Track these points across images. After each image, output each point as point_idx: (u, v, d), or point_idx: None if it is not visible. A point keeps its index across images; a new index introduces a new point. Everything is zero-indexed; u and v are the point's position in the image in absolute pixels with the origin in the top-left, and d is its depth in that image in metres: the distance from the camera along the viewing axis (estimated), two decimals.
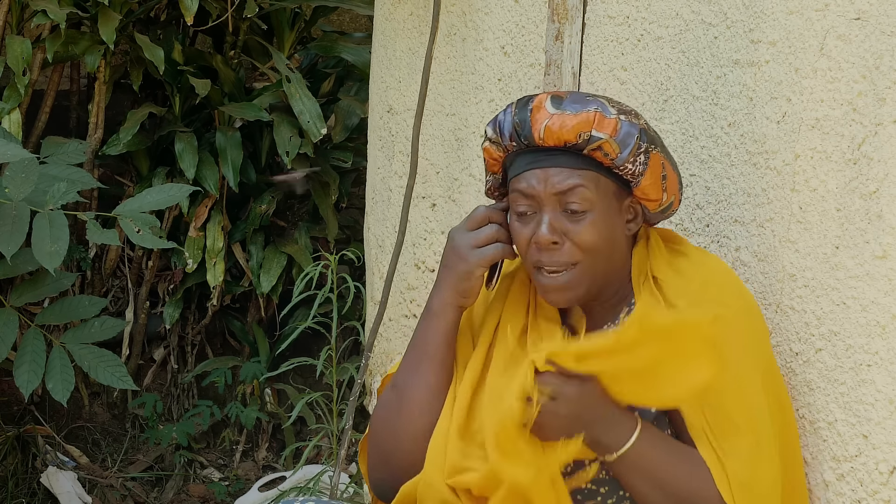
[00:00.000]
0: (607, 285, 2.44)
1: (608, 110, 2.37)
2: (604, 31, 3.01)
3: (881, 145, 2.32)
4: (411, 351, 2.51)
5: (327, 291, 3.89)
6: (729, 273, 2.44)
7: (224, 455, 5.05)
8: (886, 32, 2.32)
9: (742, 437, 2.30)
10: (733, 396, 2.31)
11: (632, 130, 2.37)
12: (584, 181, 2.36)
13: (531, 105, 2.39)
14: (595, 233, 2.37)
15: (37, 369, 4.22)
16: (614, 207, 2.40)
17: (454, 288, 2.47)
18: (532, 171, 2.39)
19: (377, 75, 3.75)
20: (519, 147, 2.41)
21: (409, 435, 2.47)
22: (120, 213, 4.14)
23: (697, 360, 2.25)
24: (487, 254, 2.45)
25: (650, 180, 2.40)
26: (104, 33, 4.53)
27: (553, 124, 2.36)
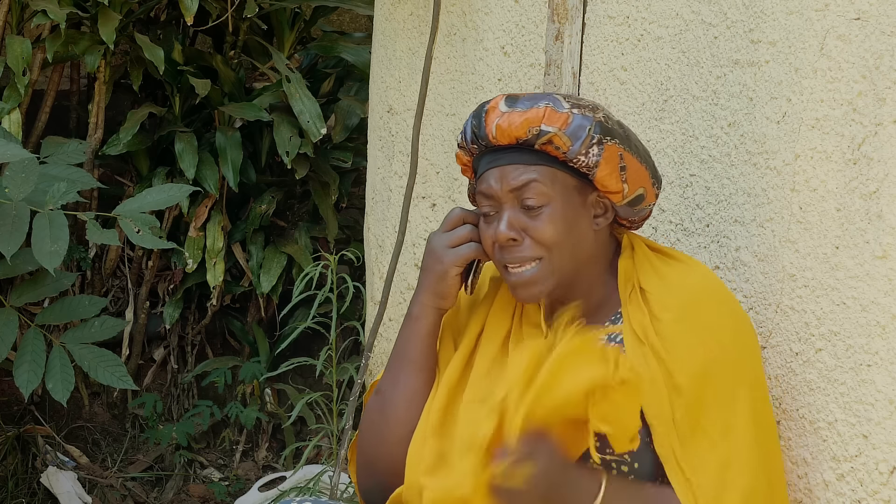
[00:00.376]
0: (579, 280, 2.44)
1: (560, 105, 2.39)
2: (604, 31, 3.01)
3: (881, 145, 2.32)
4: (393, 356, 2.54)
5: (327, 291, 3.89)
6: (716, 285, 2.42)
7: (224, 455, 5.05)
8: (886, 32, 2.32)
9: (714, 451, 2.29)
10: (712, 411, 2.31)
11: (584, 123, 2.38)
12: (538, 175, 2.39)
13: (486, 107, 2.43)
14: (553, 227, 2.39)
15: (37, 369, 4.22)
16: (575, 202, 2.41)
17: (431, 290, 2.50)
18: (490, 171, 2.42)
19: (377, 75, 3.75)
20: (479, 149, 2.45)
21: (392, 439, 2.49)
22: (120, 213, 4.14)
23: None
24: (461, 253, 2.47)
25: (606, 171, 2.39)
26: (104, 33, 4.53)
27: (503, 122, 2.39)
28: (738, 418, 2.31)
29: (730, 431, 2.30)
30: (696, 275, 2.42)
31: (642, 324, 2.37)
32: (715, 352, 2.33)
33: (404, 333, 2.53)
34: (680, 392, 2.31)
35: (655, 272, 2.42)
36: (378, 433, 2.51)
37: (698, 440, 2.30)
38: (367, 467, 2.54)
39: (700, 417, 2.30)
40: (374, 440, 2.52)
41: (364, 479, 2.55)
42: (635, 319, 2.38)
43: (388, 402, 2.51)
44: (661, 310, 2.37)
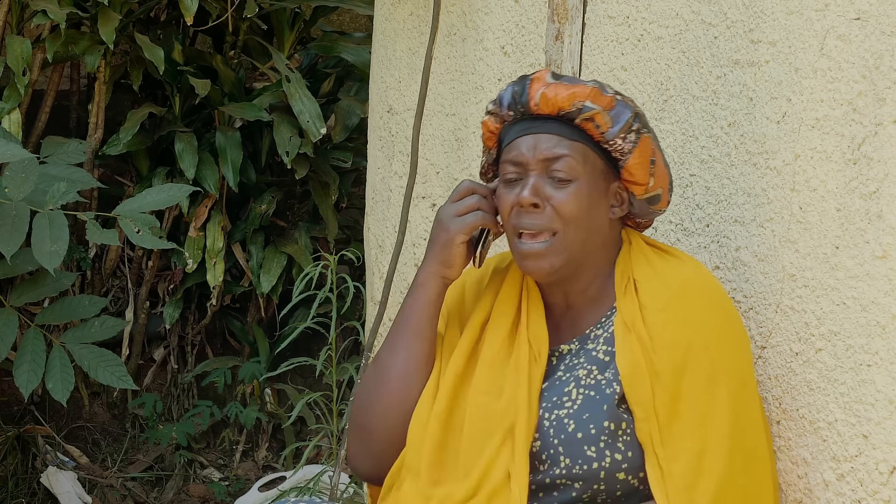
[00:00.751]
0: (585, 266, 2.45)
1: (605, 89, 2.43)
2: (604, 31, 3.01)
3: (881, 145, 2.32)
4: (393, 325, 2.55)
5: (327, 291, 3.89)
6: (707, 281, 2.44)
7: (224, 455, 5.05)
8: (886, 32, 2.32)
9: (692, 441, 2.31)
10: (690, 400, 2.32)
11: (626, 111, 2.42)
12: (572, 151, 2.41)
13: (531, 77, 2.46)
14: (576, 203, 2.40)
15: (36, 369, 4.22)
16: (600, 186, 2.44)
17: (437, 258, 2.51)
18: (523, 138, 2.44)
19: (377, 75, 3.75)
20: (515, 116, 2.46)
21: (383, 405, 2.50)
22: (120, 214, 4.14)
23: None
24: (468, 221, 2.49)
25: (638, 160, 2.43)
26: (104, 33, 4.53)
27: (549, 91, 2.42)
28: (716, 409, 2.32)
29: (707, 420, 2.31)
30: (689, 269, 2.44)
31: (632, 313, 2.39)
32: (697, 343, 2.34)
33: (407, 301, 2.54)
34: (659, 378, 2.33)
35: (649, 264, 2.44)
36: (372, 398, 2.52)
37: (675, 428, 2.32)
38: (359, 433, 2.53)
39: (678, 405, 2.32)
40: (367, 405, 2.52)
41: (354, 445, 2.55)
42: (626, 309, 2.40)
43: (384, 367, 2.52)
44: (650, 299, 2.39)
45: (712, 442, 2.31)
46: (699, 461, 2.30)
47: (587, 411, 2.37)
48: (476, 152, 3.38)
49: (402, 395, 2.49)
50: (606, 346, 2.42)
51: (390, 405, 2.50)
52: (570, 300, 2.49)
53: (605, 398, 2.37)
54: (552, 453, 2.38)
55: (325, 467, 4.13)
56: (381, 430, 2.50)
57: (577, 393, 2.40)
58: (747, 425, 2.36)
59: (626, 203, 2.48)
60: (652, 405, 2.33)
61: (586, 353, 2.44)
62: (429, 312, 2.52)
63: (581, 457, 2.36)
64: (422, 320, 2.52)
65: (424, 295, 2.52)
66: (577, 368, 2.43)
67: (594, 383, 2.40)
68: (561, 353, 2.48)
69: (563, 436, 2.37)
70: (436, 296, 2.52)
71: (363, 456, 2.54)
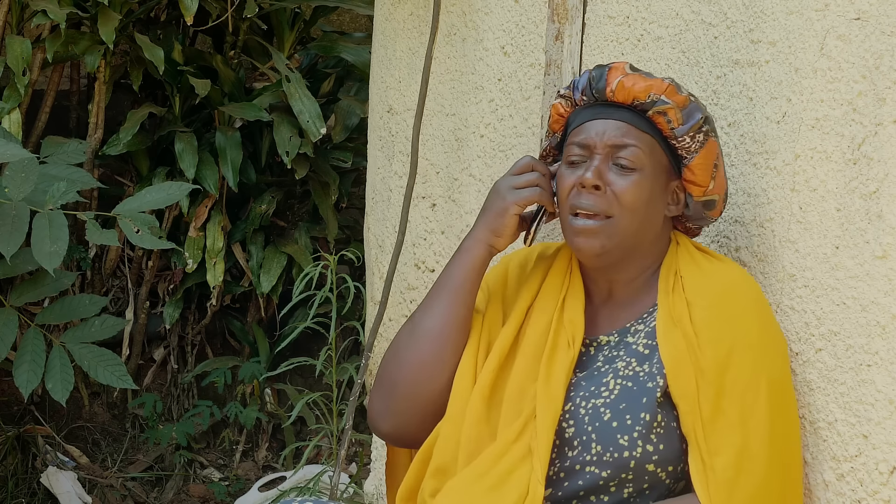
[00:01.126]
0: (635, 256, 2.48)
1: (682, 88, 2.47)
2: (604, 31, 3.01)
3: (881, 145, 2.32)
4: (433, 287, 2.57)
5: (327, 291, 3.89)
6: (751, 283, 2.47)
7: (224, 455, 5.05)
8: (886, 32, 2.32)
9: (734, 436, 2.33)
10: (733, 396, 2.34)
11: (697, 111, 2.46)
12: (640, 141, 2.45)
13: (610, 65, 2.49)
14: (637, 192, 2.43)
15: (36, 369, 4.22)
16: (661, 181, 2.47)
17: (488, 226, 2.53)
18: (593, 122, 2.47)
19: (377, 75, 3.75)
20: (588, 101, 2.49)
21: (413, 363, 2.52)
22: (119, 213, 4.13)
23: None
24: (524, 195, 2.51)
25: (702, 160, 2.47)
26: (104, 33, 4.53)
27: (627, 80, 2.45)
28: (757, 409, 2.34)
29: (748, 420, 2.34)
30: (735, 272, 2.47)
31: (678, 308, 2.41)
32: (740, 341, 2.37)
33: (451, 265, 2.56)
34: (703, 374, 2.35)
35: (696, 264, 2.47)
36: (402, 356, 2.54)
37: (719, 423, 2.34)
38: (384, 389, 2.55)
39: (721, 401, 2.34)
40: (397, 362, 2.54)
41: (378, 402, 2.56)
42: (672, 304, 2.43)
43: (418, 326, 2.54)
44: (696, 296, 2.42)
45: (753, 441, 2.33)
46: (740, 458, 2.32)
47: (624, 401, 2.40)
48: (476, 152, 3.38)
49: (434, 355, 2.51)
50: (647, 339, 2.45)
51: (421, 363, 2.52)
52: (614, 290, 2.52)
53: (644, 391, 2.40)
54: (584, 440, 2.40)
55: (325, 467, 4.13)
56: (407, 388, 2.52)
57: (614, 384, 2.43)
58: (785, 429, 2.38)
59: (682, 203, 2.51)
60: (696, 399, 2.35)
61: (626, 347, 2.46)
62: (470, 277, 2.54)
63: (613, 444, 2.38)
64: (463, 284, 2.53)
65: (469, 259, 2.54)
66: (616, 360, 2.46)
67: (632, 374, 2.42)
68: (600, 343, 2.50)
69: (598, 423, 2.40)
70: (480, 262, 2.54)
71: (386, 413, 2.55)
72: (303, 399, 3.97)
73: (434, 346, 2.52)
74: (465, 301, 2.53)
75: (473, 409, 2.46)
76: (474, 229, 2.55)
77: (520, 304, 2.55)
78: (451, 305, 2.53)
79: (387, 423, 2.56)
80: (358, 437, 4.09)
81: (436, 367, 2.51)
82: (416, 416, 2.53)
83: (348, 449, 3.96)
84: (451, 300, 2.53)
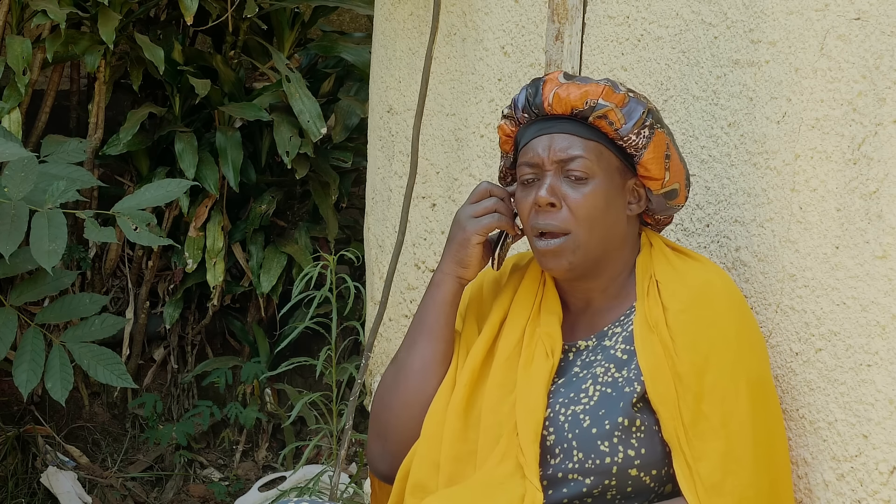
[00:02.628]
0: (605, 264, 2.47)
1: (618, 87, 2.46)
2: (604, 31, 3.01)
3: (881, 145, 2.32)
4: (411, 324, 2.57)
5: (327, 291, 3.89)
6: (727, 282, 2.46)
7: (224, 455, 5.05)
8: (886, 32, 2.32)
9: (717, 440, 2.32)
10: (713, 400, 2.34)
11: (638, 107, 2.45)
12: (587, 150, 2.44)
13: (544, 79, 2.49)
14: (593, 201, 2.43)
15: (36, 368, 4.21)
16: (616, 183, 2.46)
17: (453, 258, 2.54)
18: (538, 139, 2.46)
19: (377, 75, 3.75)
20: (530, 118, 2.49)
21: (401, 402, 2.52)
22: (118, 211, 4.13)
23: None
24: (483, 222, 2.52)
25: (653, 154, 2.45)
26: (104, 33, 4.53)
27: (562, 91, 2.45)
28: (738, 410, 2.34)
29: (730, 421, 2.33)
30: (710, 272, 2.46)
31: (654, 313, 2.41)
32: (718, 344, 2.37)
33: (424, 301, 2.56)
34: (682, 380, 2.35)
35: (670, 265, 2.47)
36: (390, 397, 2.54)
37: (701, 428, 2.34)
38: (377, 431, 2.56)
39: (701, 405, 2.34)
40: (385, 404, 2.55)
41: (373, 444, 2.58)
42: (649, 309, 2.42)
43: (402, 368, 2.54)
44: (672, 300, 2.41)
45: (737, 444, 2.33)
46: (725, 462, 2.32)
47: (603, 407, 2.40)
48: (476, 152, 3.38)
49: (419, 394, 2.52)
50: (625, 344, 2.44)
51: (407, 403, 2.52)
52: (591, 298, 2.52)
53: (622, 395, 2.39)
54: (565, 447, 2.40)
55: (325, 467, 4.13)
56: (398, 429, 2.53)
57: (593, 389, 2.42)
58: (768, 428, 2.38)
59: (643, 199, 2.50)
60: (676, 405, 2.35)
61: (604, 351, 2.46)
62: (444, 311, 2.54)
63: (594, 451, 2.38)
64: (438, 320, 2.54)
65: (440, 295, 2.55)
66: (594, 365, 2.45)
67: (611, 380, 2.42)
68: (578, 349, 2.50)
69: (578, 430, 2.39)
70: (451, 296, 2.55)
71: (382, 455, 2.56)
72: (303, 399, 3.97)
73: (417, 386, 2.52)
74: (443, 336, 2.54)
75: (450, 428, 2.46)
76: (442, 262, 2.56)
77: (493, 318, 2.55)
78: (430, 343, 2.53)
79: (384, 465, 2.56)
80: (358, 437, 4.09)
81: (422, 406, 2.51)
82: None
83: (348, 449, 3.96)
84: (429, 338, 2.54)
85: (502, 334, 2.53)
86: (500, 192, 2.54)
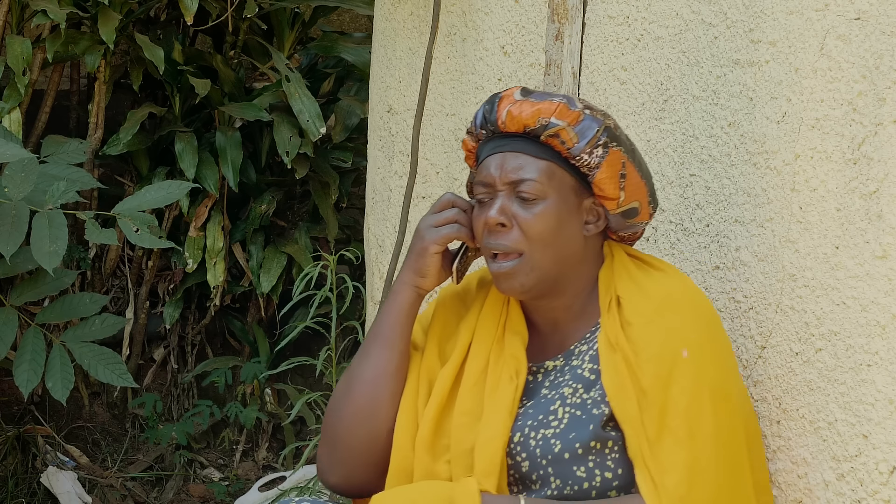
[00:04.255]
0: (564, 283, 2.44)
1: (574, 104, 2.41)
2: (604, 31, 3.01)
3: (881, 145, 2.32)
4: (367, 334, 2.54)
5: (327, 291, 3.89)
6: (690, 291, 2.42)
7: (224, 455, 5.05)
8: (886, 32, 2.32)
9: (683, 452, 2.29)
10: (678, 412, 2.31)
11: (593, 125, 2.40)
12: (538, 171, 2.40)
13: (501, 94, 2.45)
14: (543, 222, 2.39)
15: (36, 368, 4.22)
16: (570, 202, 2.42)
17: (411, 267, 2.51)
18: (492, 157, 2.43)
19: (377, 75, 3.75)
20: (487, 134, 2.46)
21: (351, 412, 2.47)
22: (119, 212, 4.13)
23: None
24: (443, 232, 2.48)
25: (606, 174, 2.40)
26: (104, 33, 4.53)
27: (514, 109, 2.41)
28: (703, 420, 2.31)
29: (695, 432, 2.30)
30: (672, 281, 2.42)
31: (615, 331, 2.37)
32: (680, 355, 2.33)
33: (380, 310, 2.53)
34: (645, 394, 2.32)
35: (631, 279, 2.42)
36: (340, 406, 2.49)
37: (665, 441, 2.30)
38: (327, 441, 2.51)
39: (666, 418, 2.31)
40: (336, 413, 2.50)
41: (323, 454, 2.52)
42: (610, 328, 2.38)
43: (354, 377, 2.49)
44: (633, 315, 2.37)
45: (702, 455, 2.30)
46: (691, 473, 2.29)
47: (573, 431, 2.36)
48: None
49: (370, 403, 2.47)
50: (592, 363, 2.40)
51: (357, 414, 2.47)
52: (556, 317, 2.47)
53: (591, 418, 2.36)
54: (542, 474, 2.37)
55: None
56: (348, 439, 2.48)
57: (562, 412, 2.39)
58: (730, 437, 2.35)
59: (601, 219, 2.45)
60: (640, 421, 2.32)
61: (571, 371, 2.42)
62: (400, 321, 2.50)
63: (571, 477, 2.35)
64: (393, 329, 2.49)
65: (396, 304, 2.50)
66: (562, 386, 2.42)
67: (580, 402, 2.38)
68: (546, 369, 2.46)
69: (551, 456, 2.36)
70: (408, 305, 2.50)
71: (331, 466, 2.51)
72: (303, 399, 3.97)
73: (369, 395, 2.47)
74: (397, 346, 2.49)
75: (420, 462, 2.42)
76: (401, 272, 2.52)
77: (460, 342, 2.51)
78: (383, 352, 2.48)
79: (333, 475, 2.51)
80: None
81: (372, 415, 2.46)
82: (359, 467, 2.48)
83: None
84: (383, 347, 2.49)
85: (468, 359, 2.48)
86: (463, 203, 2.50)
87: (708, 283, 2.70)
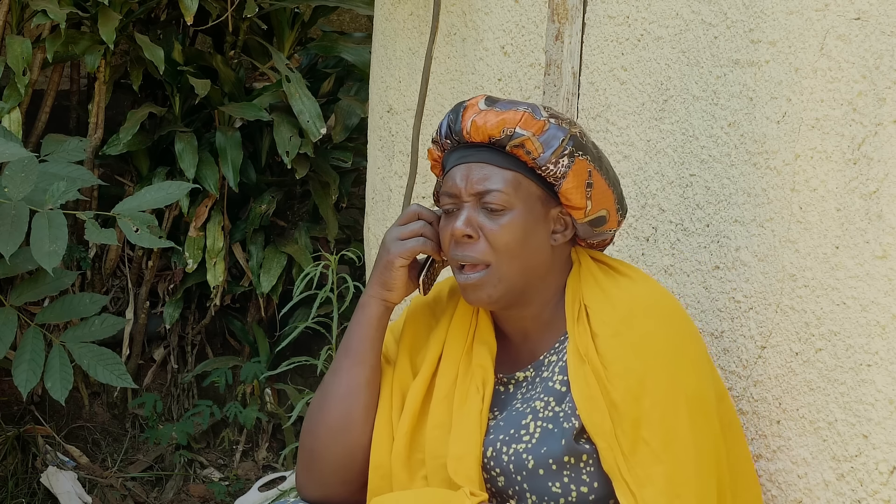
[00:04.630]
0: (532, 292, 2.42)
1: (539, 113, 2.39)
2: (604, 31, 3.01)
3: (881, 145, 2.32)
4: (339, 349, 2.51)
5: (327, 291, 3.89)
6: (658, 297, 2.40)
7: (224, 455, 5.05)
8: (886, 32, 2.32)
9: (660, 464, 2.27)
10: (652, 424, 2.29)
11: (558, 134, 2.38)
12: (503, 182, 2.38)
13: (465, 104, 2.43)
14: (510, 232, 2.37)
15: (35, 368, 4.21)
16: (537, 212, 2.40)
17: (378, 280, 2.49)
18: (457, 168, 2.41)
19: (377, 75, 3.75)
20: (452, 144, 2.44)
21: (326, 428, 2.45)
22: (119, 212, 4.13)
23: None
24: (408, 245, 2.45)
25: (572, 184, 2.38)
26: (104, 33, 4.53)
27: (479, 119, 2.39)
28: (679, 430, 2.29)
29: (672, 443, 2.28)
30: (638, 288, 2.40)
31: (584, 341, 2.35)
32: (651, 366, 2.31)
33: (350, 324, 2.51)
34: (617, 407, 2.30)
35: (598, 286, 2.41)
36: (314, 422, 2.48)
37: (641, 453, 2.28)
38: (304, 456, 2.49)
39: (640, 431, 2.29)
40: (310, 429, 2.48)
41: (300, 470, 2.51)
42: (579, 338, 2.37)
43: (327, 393, 2.48)
44: (600, 325, 2.35)
45: (681, 465, 2.28)
46: (671, 485, 2.26)
47: (545, 445, 2.35)
48: None
49: (344, 419, 2.45)
50: (562, 375, 2.38)
51: (332, 429, 2.45)
52: (525, 327, 2.46)
53: (562, 431, 2.34)
54: (518, 490, 2.36)
55: None
56: (324, 455, 2.46)
57: (534, 426, 2.37)
58: (709, 443, 2.33)
59: (569, 228, 2.43)
60: (613, 435, 2.29)
61: (542, 383, 2.40)
62: (369, 335, 2.48)
63: (546, 493, 2.34)
64: (362, 343, 2.48)
65: (364, 317, 2.49)
66: (534, 399, 2.40)
67: (552, 416, 2.36)
68: (517, 380, 2.45)
69: (525, 472, 2.35)
70: (377, 319, 2.48)
71: (309, 481, 2.49)
72: (303, 399, 3.97)
73: (342, 410, 2.45)
74: (367, 360, 2.47)
75: (397, 479, 2.41)
76: (368, 285, 2.50)
77: (430, 354, 2.49)
78: (353, 366, 2.47)
79: (312, 492, 2.49)
80: None
81: (346, 430, 2.45)
82: (336, 483, 2.47)
83: None
84: (353, 361, 2.47)
85: (439, 371, 2.47)
86: (429, 215, 2.48)
87: (708, 283, 2.70)
